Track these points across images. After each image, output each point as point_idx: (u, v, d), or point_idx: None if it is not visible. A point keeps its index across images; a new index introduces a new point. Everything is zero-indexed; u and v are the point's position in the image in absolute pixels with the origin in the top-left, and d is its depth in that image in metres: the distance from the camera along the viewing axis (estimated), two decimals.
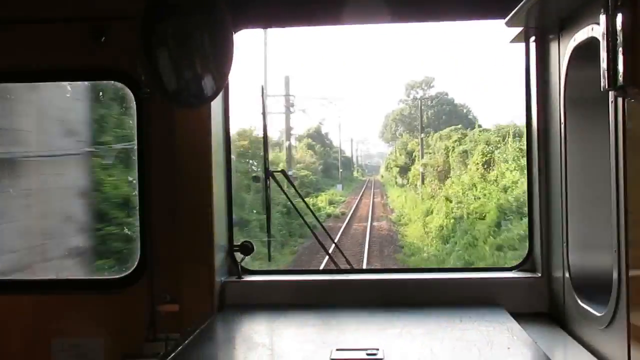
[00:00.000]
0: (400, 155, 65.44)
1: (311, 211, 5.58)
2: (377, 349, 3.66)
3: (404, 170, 60.40)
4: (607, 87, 3.14)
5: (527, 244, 5.13)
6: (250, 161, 30.24)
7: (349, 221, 38.36)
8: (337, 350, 3.70)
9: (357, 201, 55.06)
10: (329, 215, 41.97)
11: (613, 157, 3.51)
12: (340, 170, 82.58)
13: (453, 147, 41.37)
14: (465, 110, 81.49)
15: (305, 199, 5.55)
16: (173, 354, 3.71)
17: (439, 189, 40.04)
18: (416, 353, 3.69)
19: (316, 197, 46.28)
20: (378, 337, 4.03)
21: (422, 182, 46.49)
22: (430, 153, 48.40)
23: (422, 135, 54.04)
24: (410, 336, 4.04)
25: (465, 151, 38.73)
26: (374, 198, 59.40)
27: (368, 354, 3.59)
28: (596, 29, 3.65)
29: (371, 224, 38.31)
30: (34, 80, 5.34)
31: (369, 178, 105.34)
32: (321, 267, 21.37)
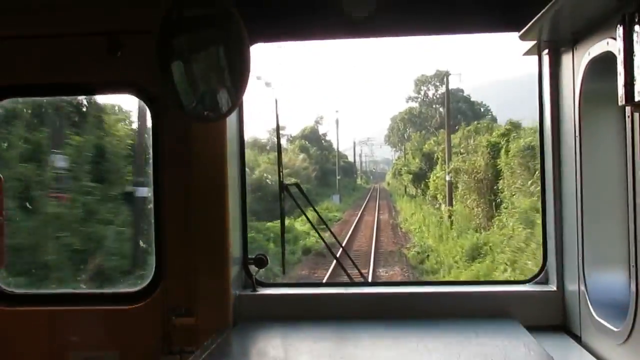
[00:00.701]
0: (414, 158, 54.43)
1: (324, 223, 5.58)
2: None
3: (419, 177, 50.09)
4: (624, 102, 3.15)
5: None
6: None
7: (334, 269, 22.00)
8: None
9: (356, 219, 45.28)
10: (307, 251, 30.41)
11: (630, 172, 3.51)
12: (338, 177, 71.88)
13: (501, 143, 28.05)
14: (483, 109, 73.56)
15: (317, 210, 5.53)
16: None
17: (485, 206, 27.48)
18: None
19: (297, 218, 30.86)
20: (394, 351, 4.03)
21: (450, 196, 34.84)
22: (461, 154, 34.99)
23: (445, 129, 41.94)
24: (426, 350, 4.04)
25: (530, 147, 24.58)
26: (379, 213, 50.79)
27: None
28: (612, 44, 3.66)
29: (374, 268, 23.73)
30: (52, 94, 5.39)
31: (373, 186, 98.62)
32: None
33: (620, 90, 3.15)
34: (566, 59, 4.56)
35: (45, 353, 4.98)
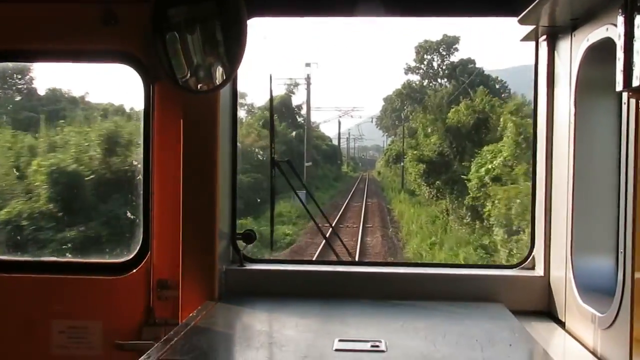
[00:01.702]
0: (427, 137, 36.13)
1: (314, 201, 5.57)
2: (380, 341, 3.68)
3: (435, 168, 32.86)
4: (622, 87, 3.14)
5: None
6: None
7: None
8: (340, 340, 3.70)
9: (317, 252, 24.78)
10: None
11: (623, 158, 3.52)
12: (308, 164, 50.49)
13: None
14: (499, 86, 58.96)
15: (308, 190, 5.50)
16: (174, 341, 3.70)
17: None
18: (419, 347, 3.70)
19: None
20: (380, 329, 4.04)
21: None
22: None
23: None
24: (412, 330, 4.05)
25: None
26: (365, 230, 30.54)
27: (372, 346, 3.61)
28: (611, 30, 3.65)
29: None
30: (45, 60, 5.35)
31: (362, 174, 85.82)
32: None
33: (619, 76, 3.14)
34: (564, 46, 4.55)
35: (29, 320, 4.96)
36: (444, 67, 64.33)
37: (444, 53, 64.74)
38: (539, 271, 4.91)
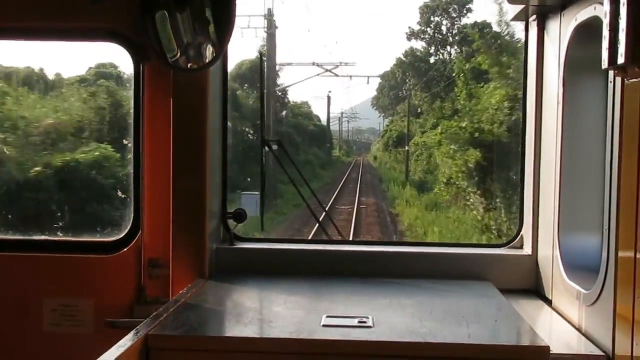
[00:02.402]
0: (481, 100, 24.03)
1: (305, 181, 5.58)
2: (367, 317, 3.72)
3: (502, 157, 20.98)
4: (607, 65, 3.16)
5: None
6: None
7: None
8: (328, 317, 3.75)
9: None
10: None
11: (609, 137, 3.55)
12: (266, 151, 8.52)
13: None
14: None
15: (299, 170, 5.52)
16: (163, 317, 3.74)
17: None
18: (405, 322, 3.74)
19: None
20: (368, 306, 4.08)
21: None
22: None
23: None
24: (399, 306, 4.10)
25: None
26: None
27: (359, 322, 3.65)
28: (599, 8, 3.66)
29: None
30: (33, 38, 5.31)
31: (355, 159, 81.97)
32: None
33: (605, 54, 3.16)
34: (553, 25, 4.56)
35: (21, 298, 4.98)
36: (454, 32, 52.57)
37: (454, 14, 54.01)
38: (527, 250, 4.96)
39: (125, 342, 3.26)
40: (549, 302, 4.55)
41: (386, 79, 69.21)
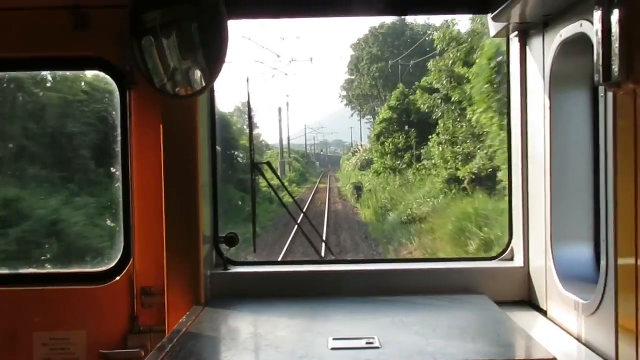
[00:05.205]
0: None
1: (296, 203, 5.59)
2: (374, 338, 3.72)
3: None
4: (601, 81, 3.25)
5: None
6: None
7: None
8: (335, 339, 3.74)
9: None
10: None
11: (602, 151, 3.63)
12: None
13: None
14: None
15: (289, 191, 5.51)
16: (169, 348, 3.68)
17: None
18: (412, 342, 3.75)
19: None
20: (371, 326, 4.09)
21: None
22: None
23: None
24: (402, 325, 4.11)
25: None
26: None
27: (367, 343, 3.65)
28: (585, 25, 3.77)
29: None
30: (17, 69, 5.23)
31: (317, 185, 49.95)
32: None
33: (597, 71, 3.25)
34: (536, 41, 4.67)
35: (11, 333, 4.86)
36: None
37: None
38: (519, 262, 5.03)
39: None
40: (544, 313, 4.62)
41: (360, 71, 53.43)
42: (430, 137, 33.58)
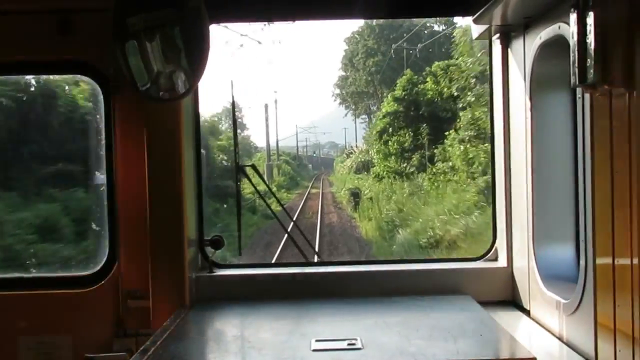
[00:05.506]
0: None
1: (282, 206, 5.61)
2: (356, 339, 3.74)
3: None
4: (577, 83, 3.29)
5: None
6: None
7: None
8: (317, 341, 3.76)
9: None
10: None
11: (580, 151, 3.67)
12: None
13: None
14: None
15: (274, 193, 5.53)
16: (152, 350, 3.68)
17: None
18: (394, 342, 3.78)
19: None
20: (354, 327, 4.11)
21: None
22: None
23: None
24: (385, 325, 4.14)
25: None
26: None
27: (349, 344, 3.67)
28: (563, 27, 3.81)
29: None
30: (1, 73, 5.21)
31: (308, 190, 46.77)
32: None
33: (574, 72, 3.29)
34: (517, 43, 4.71)
35: None
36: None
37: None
38: (502, 262, 5.07)
39: None
40: (527, 312, 4.66)
41: (356, 68, 49.50)
42: (447, 133, 27.28)
